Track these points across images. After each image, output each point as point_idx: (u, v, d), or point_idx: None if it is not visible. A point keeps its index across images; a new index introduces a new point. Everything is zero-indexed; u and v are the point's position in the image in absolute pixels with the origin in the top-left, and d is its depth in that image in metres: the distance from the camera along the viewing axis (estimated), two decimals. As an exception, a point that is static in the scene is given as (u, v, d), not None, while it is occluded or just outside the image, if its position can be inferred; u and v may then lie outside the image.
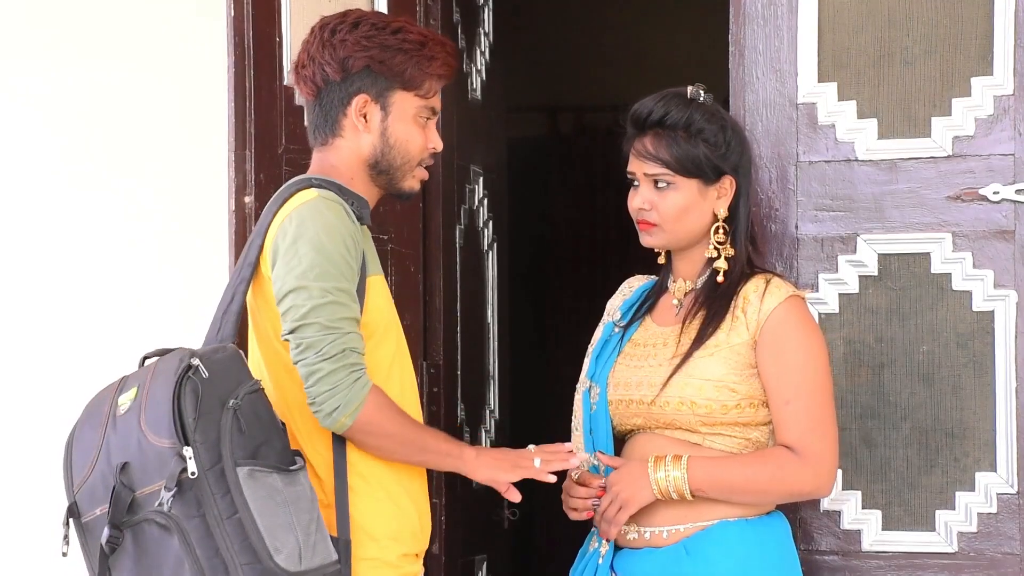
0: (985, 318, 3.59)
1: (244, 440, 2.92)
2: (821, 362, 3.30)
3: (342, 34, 3.19)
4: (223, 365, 2.97)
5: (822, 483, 3.29)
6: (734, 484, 3.26)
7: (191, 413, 2.90)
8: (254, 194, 3.77)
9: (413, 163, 3.25)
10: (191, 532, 2.90)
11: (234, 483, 2.89)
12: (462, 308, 4.46)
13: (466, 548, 4.42)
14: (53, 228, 4.72)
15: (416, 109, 3.23)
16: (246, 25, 3.80)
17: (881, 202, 3.64)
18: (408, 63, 3.19)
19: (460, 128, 4.45)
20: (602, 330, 3.51)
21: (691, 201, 3.34)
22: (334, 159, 3.23)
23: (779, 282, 3.33)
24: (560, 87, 7.40)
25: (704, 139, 3.32)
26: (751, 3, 3.72)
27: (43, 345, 4.72)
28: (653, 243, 3.39)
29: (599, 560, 3.35)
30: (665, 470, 3.25)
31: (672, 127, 3.32)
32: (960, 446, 3.60)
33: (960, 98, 3.61)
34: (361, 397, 3.03)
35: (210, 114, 4.31)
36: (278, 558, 2.89)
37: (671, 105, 3.33)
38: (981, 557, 3.58)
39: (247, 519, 2.88)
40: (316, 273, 3.04)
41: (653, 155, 3.33)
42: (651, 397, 3.31)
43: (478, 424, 4.62)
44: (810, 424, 3.26)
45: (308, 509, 2.96)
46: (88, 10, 4.71)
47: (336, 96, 3.20)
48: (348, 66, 3.18)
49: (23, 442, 4.69)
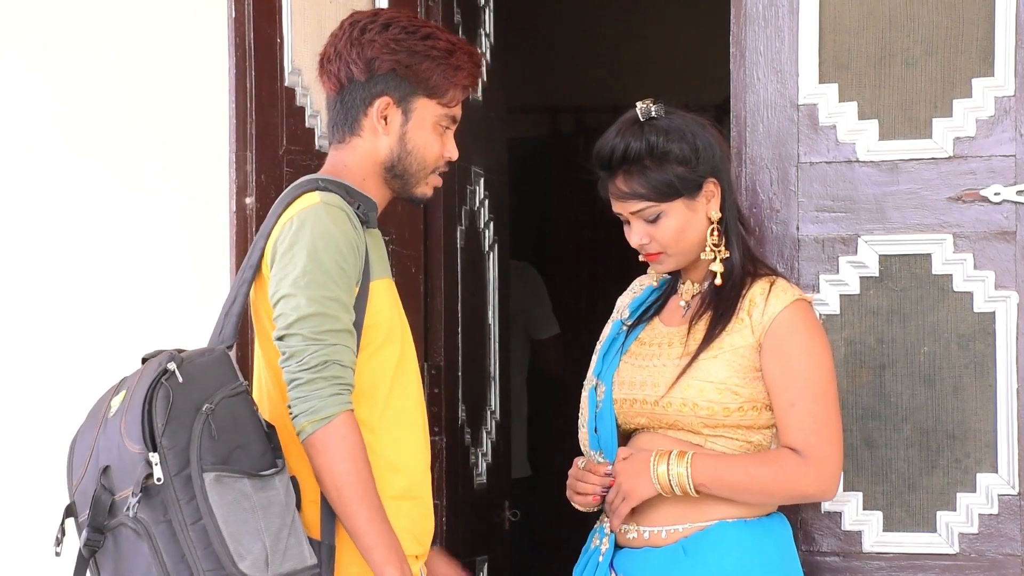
0: (986, 319, 3.59)
1: (215, 445, 2.91)
2: (826, 366, 3.30)
3: (372, 34, 3.18)
4: (204, 369, 2.97)
5: (826, 486, 3.29)
6: (737, 482, 3.26)
7: (161, 418, 2.90)
8: (255, 195, 3.77)
9: (428, 170, 3.24)
10: (158, 537, 2.91)
11: (199, 489, 2.88)
12: (463, 309, 4.46)
13: (467, 549, 4.42)
14: (53, 229, 4.71)
15: (437, 117, 3.23)
16: (247, 26, 3.80)
17: (882, 203, 3.64)
18: (434, 71, 3.19)
19: (461, 129, 4.43)
20: (610, 328, 3.52)
21: (684, 220, 3.33)
22: (348, 158, 3.22)
23: (785, 285, 3.33)
24: (561, 88, 7.40)
25: (672, 159, 3.29)
26: (752, 4, 3.72)
27: (43, 346, 4.72)
28: (666, 269, 3.40)
29: (599, 558, 3.36)
30: (668, 465, 3.25)
31: (637, 159, 3.29)
32: (961, 447, 3.60)
33: (961, 99, 3.61)
34: (331, 412, 3.00)
35: (211, 115, 4.31)
36: (242, 564, 2.88)
37: (628, 137, 3.29)
38: (982, 558, 3.58)
39: (211, 525, 2.88)
40: (307, 280, 3.03)
41: (630, 193, 3.31)
42: (655, 397, 3.32)
43: (479, 425, 4.62)
44: (814, 427, 3.26)
45: (280, 514, 2.94)
46: (89, 10, 4.71)
47: (359, 95, 3.19)
48: (374, 67, 3.17)
49: (24, 442, 4.69)
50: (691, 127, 3.34)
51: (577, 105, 7.45)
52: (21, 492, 4.70)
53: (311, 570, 2.96)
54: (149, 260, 4.65)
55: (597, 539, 3.40)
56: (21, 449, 4.71)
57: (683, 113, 3.37)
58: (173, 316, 4.55)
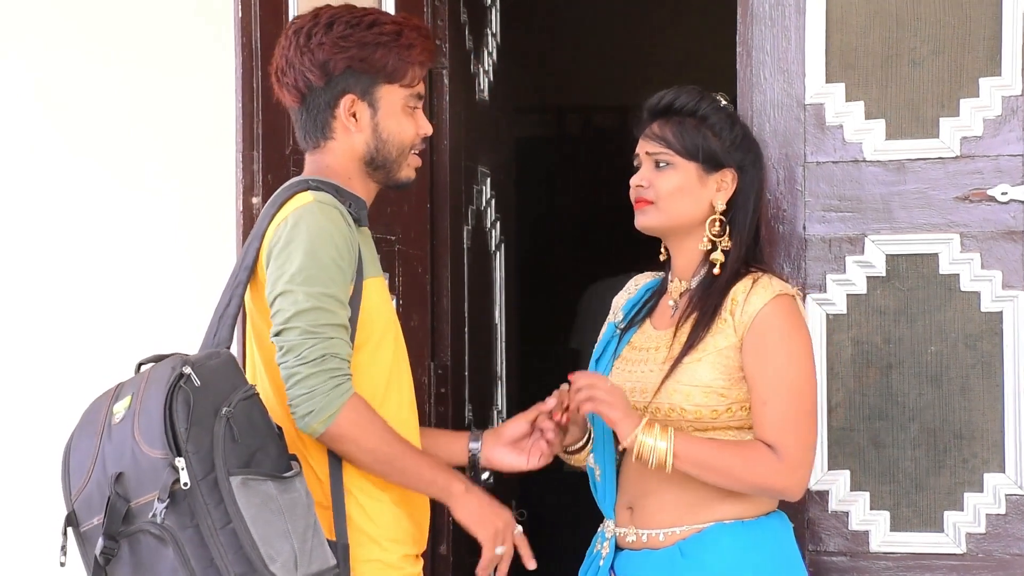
0: (993, 319, 3.58)
1: (238, 448, 2.91)
2: (802, 363, 3.26)
3: (318, 37, 3.16)
4: (216, 372, 2.96)
5: (792, 484, 3.24)
6: (708, 462, 3.21)
7: (183, 423, 2.89)
8: (261, 195, 3.77)
9: (407, 153, 3.24)
10: (186, 543, 2.89)
11: (227, 493, 2.87)
12: (469, 309, 4.46)
13: (474, 548, 4.41)
14: (59, 230, 4.72)
15: (403, 99, 3.22)
16: (253, 26, 3.80)
17: (889, 203, 3.64)
18: (389, 56, 3.17)
19: (468, 129, 4.45)
20: (605, 330, 3.51)
21: (688, 183, 3.33)
22: (329, 160, 3.22)
23: (766, 281, 3.28)
24: (567, 88, 7.40)
25: (709, 127, 3.33)
26: (759, 4, 3.72)
27: (47, 348, 4.72)
28: (646, 222, 3.36)
29: (600, 562, 3.36)
30: (654, 437, 3.21)
31: (679, 112, 3.34)
32: (968, 447, 3.59)
33: (968, 98, 3.61)
34: (337, 405, 3.01)
35: (217, 115, 4.31)
36: (273, 567, 2.88)
37: (683, 93, 3.36)
38: (990, 558, 3.57)
39: (241, 529, 2.87)
40: (303, 277, 3.03)
41: (657, 136, 3.34)
42: (643, 403, 3.30)
43: (486, 425, 4.62)
44: (785, 426, 3.22)
45: (304, 515, 2.95)
46: (94, 11, 4.71)
47: (322, 100, 3.19)
48: (329, 69, 3.17)
49: (28, 445, 4.69)
50: (744, 125, 3.42)
51: (584, 105, 7.45)
52: (20, 496, 4.70)
53: (334, 570, 2.97)
54: (156, 260, 4.65)
55: (599, 544, 3.39)
56: (21, 452, 4.70)
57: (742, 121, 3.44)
58: (179, 317, 4.55)
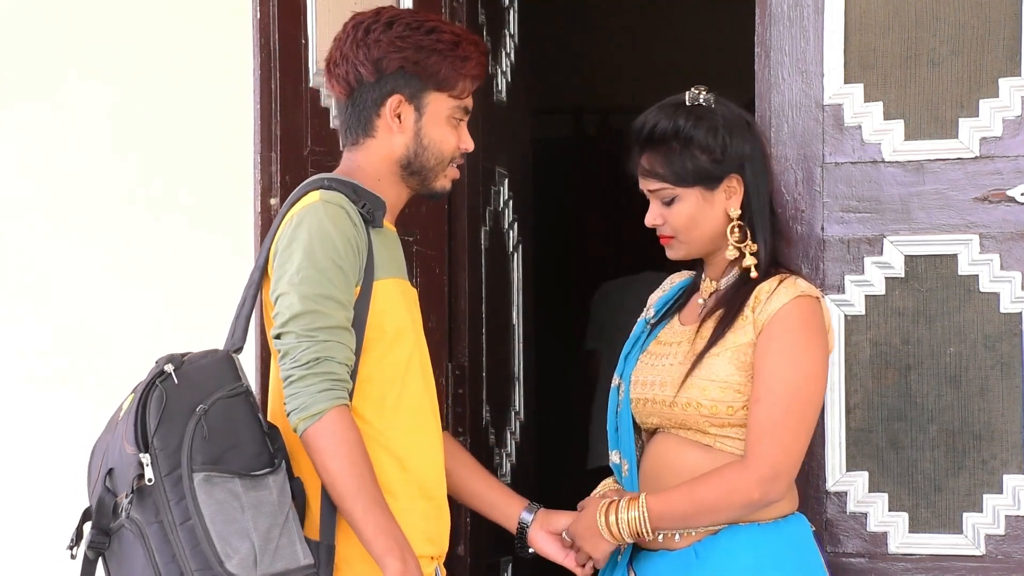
0: (1013, 320, 3.57)
1: (207, 446, 2.93)
2: (806, 366, 3.23)
3: (376, 34, 3.18)
4: (203, 371, 3.00)
5: (767, 488, 3.20)
6: (685, 511, 3.23)
7: (153, 420, 2.94)
8: (280, 196, 3.78)
9: (445, 163, 3.24)
10: (151, 538, 2.94)
11: (188, 489, 2.91)
12: (487, 310, 4.46)
13: (492, 550, 4.42)
14: (79, 231, 4.73)
15: (450, 110, 3.22)
16: (272, 27, 3.81)
17: (908, 203, 3.63)
18: (442, 64, 3.18)
19: (485, 130, 4.44)
20: (637, 326, 3.51)
21: (697, 209, 3.32)
22: (362, 159, 3.23)
23: (791, 282, 3.28)
24: (585, 88, 7.39)
25: (696, 146, 3.28)
26: (777, 4, 3.71)
27: (68, 349, 4.73)
28: (675, 256, 3.38)
29: (618, 557, 3.38)
30: (616, 514, 3.25)
31: (663, 139, 3.29)
32: (987, 448, 3.59)
33: (987, 99, 3.60)
34: (320, 407, 3.00)
35: (236, 116, 4.31)
36: (228, 564, 2.90)
37: (661, 116, 3.30)
38: (1009, 560, 3.56)
39: (199, 525, 2.91)
40: (300, 279, 3.04)
41: (650, 171, 3.32)
42: (664, 396, 3.31)
43: (503, 426, 4.62)
44: (766, 427, 3.20)
45: (271, 514, 2.95)
46: (115, 11, 4.72)
47: (370, 96, 3.20)
48: (382, 67, 3.17)
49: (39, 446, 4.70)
50: (730, 121, 3.32)
51: (602, 106, 7.45)
52: (33, 496, 4.71)
53: (305, 570, 2.97)
54: (175, 261, 4.66)
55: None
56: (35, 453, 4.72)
57: (734, 107, 3.36)
58: (198, 317, 4.56)
